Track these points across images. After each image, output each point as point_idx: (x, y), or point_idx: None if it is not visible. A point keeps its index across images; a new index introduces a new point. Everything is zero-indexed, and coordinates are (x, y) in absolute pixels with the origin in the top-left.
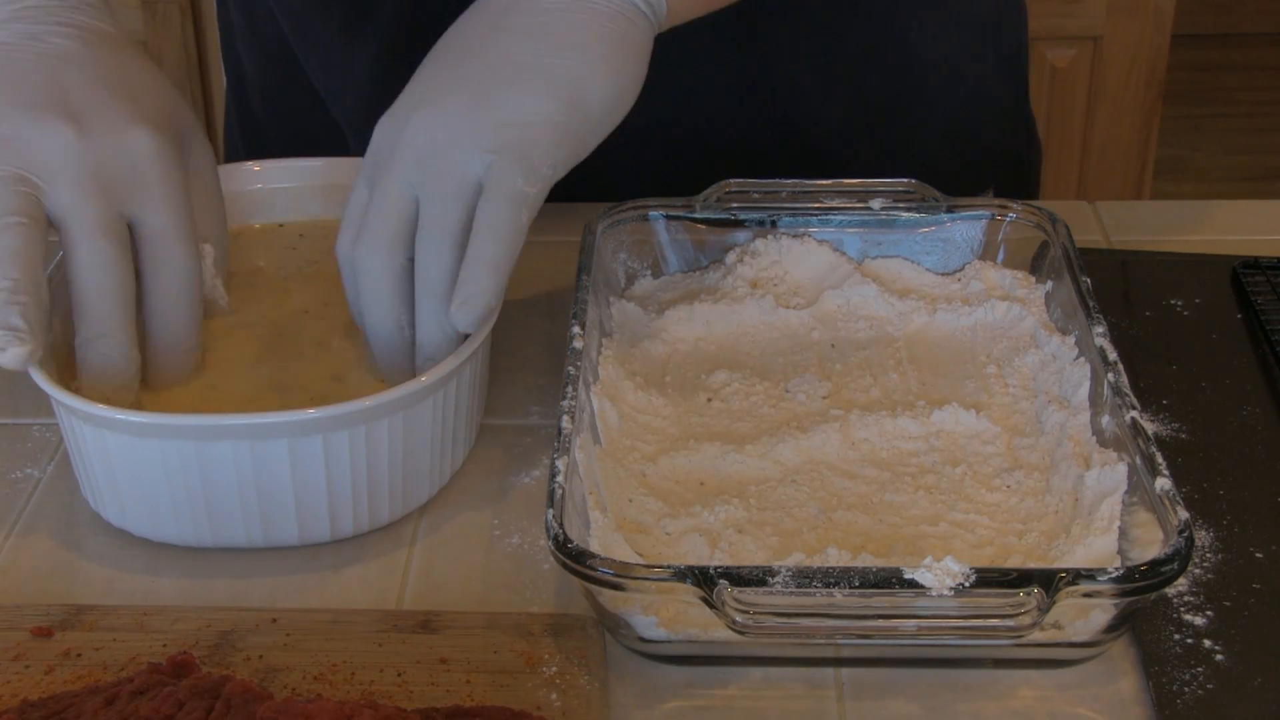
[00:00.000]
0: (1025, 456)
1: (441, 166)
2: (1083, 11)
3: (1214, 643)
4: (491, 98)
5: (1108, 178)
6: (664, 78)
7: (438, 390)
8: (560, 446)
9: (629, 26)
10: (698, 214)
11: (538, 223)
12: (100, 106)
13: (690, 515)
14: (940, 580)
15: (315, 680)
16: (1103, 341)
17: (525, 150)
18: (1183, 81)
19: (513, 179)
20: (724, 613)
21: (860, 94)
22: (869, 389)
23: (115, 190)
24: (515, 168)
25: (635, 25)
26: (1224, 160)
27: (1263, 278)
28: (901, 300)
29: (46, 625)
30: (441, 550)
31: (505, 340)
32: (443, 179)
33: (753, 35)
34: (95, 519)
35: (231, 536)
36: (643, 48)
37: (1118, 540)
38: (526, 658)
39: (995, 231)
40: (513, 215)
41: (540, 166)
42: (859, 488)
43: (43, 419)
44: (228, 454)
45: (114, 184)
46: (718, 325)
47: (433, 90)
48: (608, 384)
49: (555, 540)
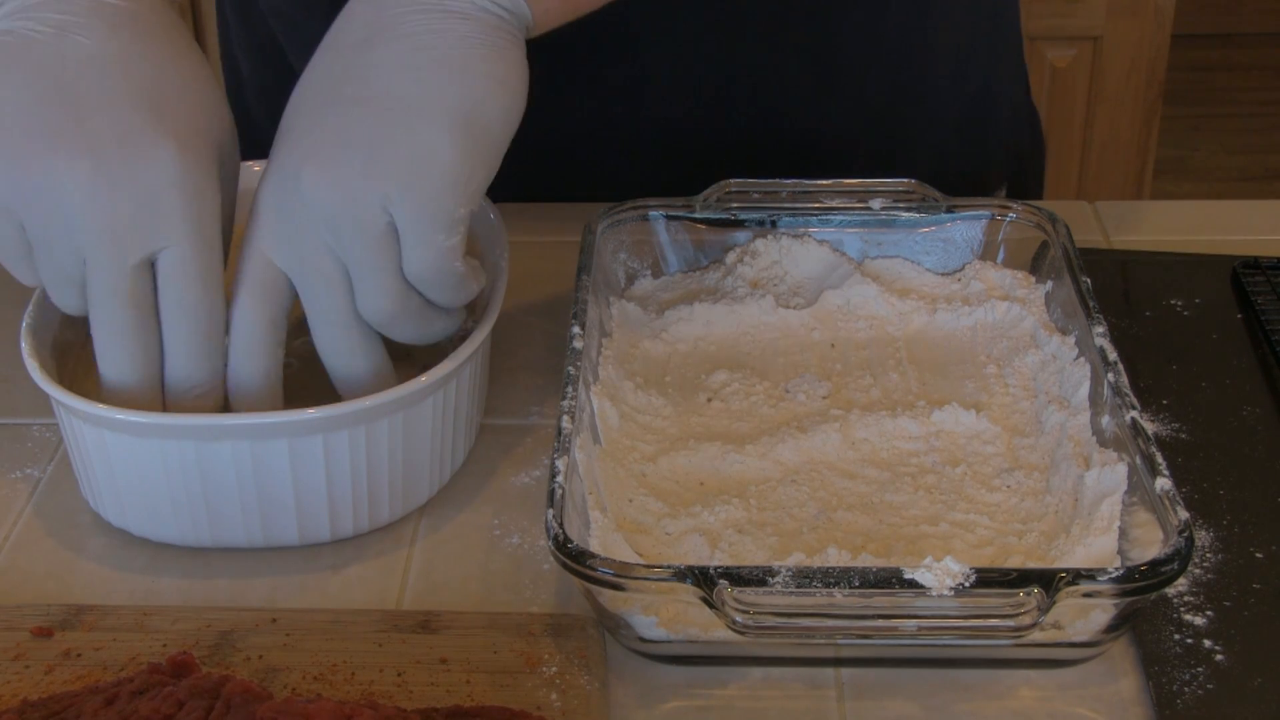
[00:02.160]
0: (1025, 456)
1: (354, 227)
2: (1083, 11)
3: (1214, 643)
4: (384, 149)
5: (1108, 178)
6: (662, 78)
7: (437, 390)
8: (560, 446)
9: (498, 32)
10: (698, 214)
11: (538, 223)
12: (118, 126)
13: (690, 515)
14: (940, 580)
15: (315, 680)
16: (1103, 341)
17: (435, 202)
18: (1183, 81)
19: (432, 236)
20: (724, 613)
21: (860, 93)
22: (869, 389)
23: (134, 231)
24: (430, 225)
25: (505, 29)
26: (1224, 160)
27: (1263, 278)
28: (901, 300)
29: (46, 625)
30: (441, 550)
31: (505, 340)
32: (361, 240)
33: (750, 35)
34: (95, 519)
35: (231, 536)
36: (519, 50)
37: (1118, 540)
38: (526, 658)
39: (995, 231)
40: (447, 266)
41: (455, 210)
42: (859, 488)
43: (43, 419)
44: (227, 454)
45: (132, 224)
46: (718, 325)
47: (318, 143)
48: (608, 384)
49: (555, 540)
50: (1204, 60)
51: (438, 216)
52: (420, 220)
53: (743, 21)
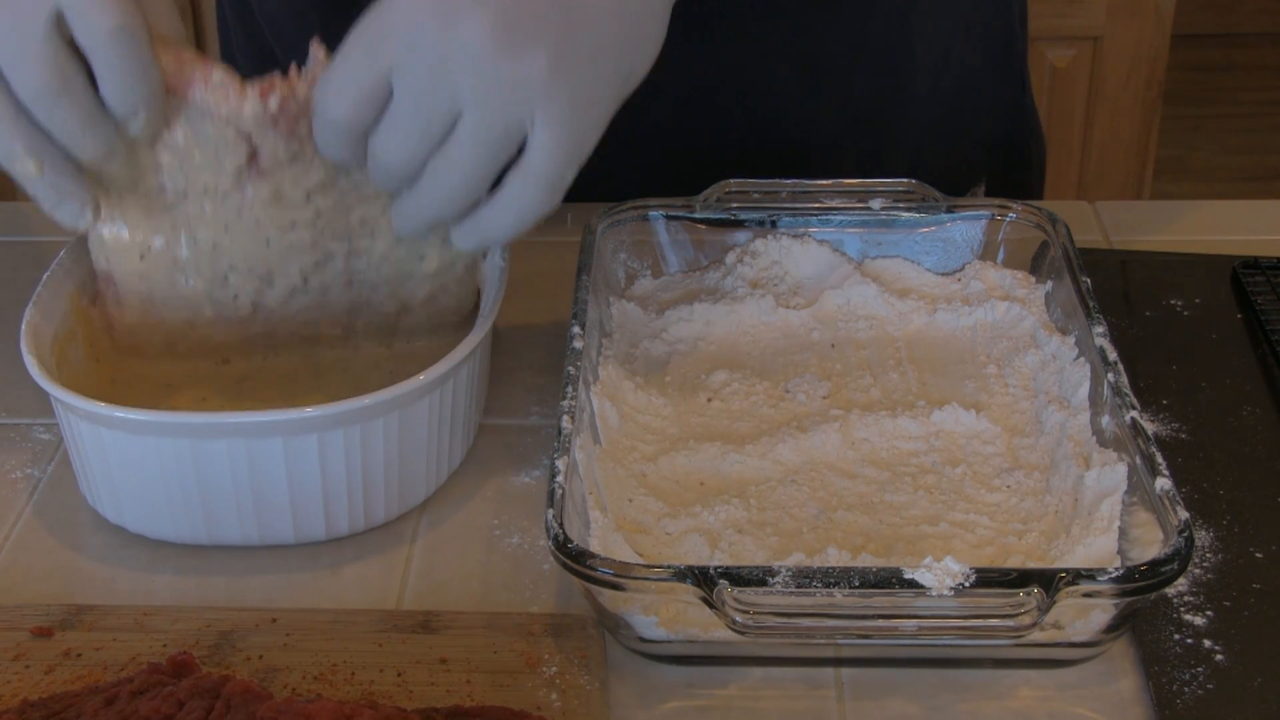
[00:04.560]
0: (1025, 456)
1: (496, 107)
2: (1083, 11)
3: (1214, 643)
4: (568, 61)
5: (1108, 178)
6: (656, 81)
7: (434, 390)
8: (560, 446)
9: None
10: (698, 214)
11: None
12: None
13: (690, 515)
14: (940, 580)
15: (315, 680)
16: (1103, 341)
17: (579, 134)
18: (1183, 81)
19: (562, 170)
20: (724, 613)
21: (848, 91)
22: (869, 389)
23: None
24: (566, 155)
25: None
26: (1224, 160)
27: (1263, 278)
28: (901, 300)
29: (46, 625)
30: (441, 550)
31: (505, 340)
32: (493, 123)
33: (739, 39)
34: (95, 519)
35: (227, 534)
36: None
37: (1118, 540)
38: (526, 658)
39: (995, 231)
40: (549, 199)
41: (586, 149)
42: (859, 488)
43: (43, 419)
44: (223, 452)
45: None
46: (718, 325)
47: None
48: (608, 384)
49: (555, 540)
50: (1204, 60)
51: (573, 151)
52: (557, 147)
53: (732, 24)
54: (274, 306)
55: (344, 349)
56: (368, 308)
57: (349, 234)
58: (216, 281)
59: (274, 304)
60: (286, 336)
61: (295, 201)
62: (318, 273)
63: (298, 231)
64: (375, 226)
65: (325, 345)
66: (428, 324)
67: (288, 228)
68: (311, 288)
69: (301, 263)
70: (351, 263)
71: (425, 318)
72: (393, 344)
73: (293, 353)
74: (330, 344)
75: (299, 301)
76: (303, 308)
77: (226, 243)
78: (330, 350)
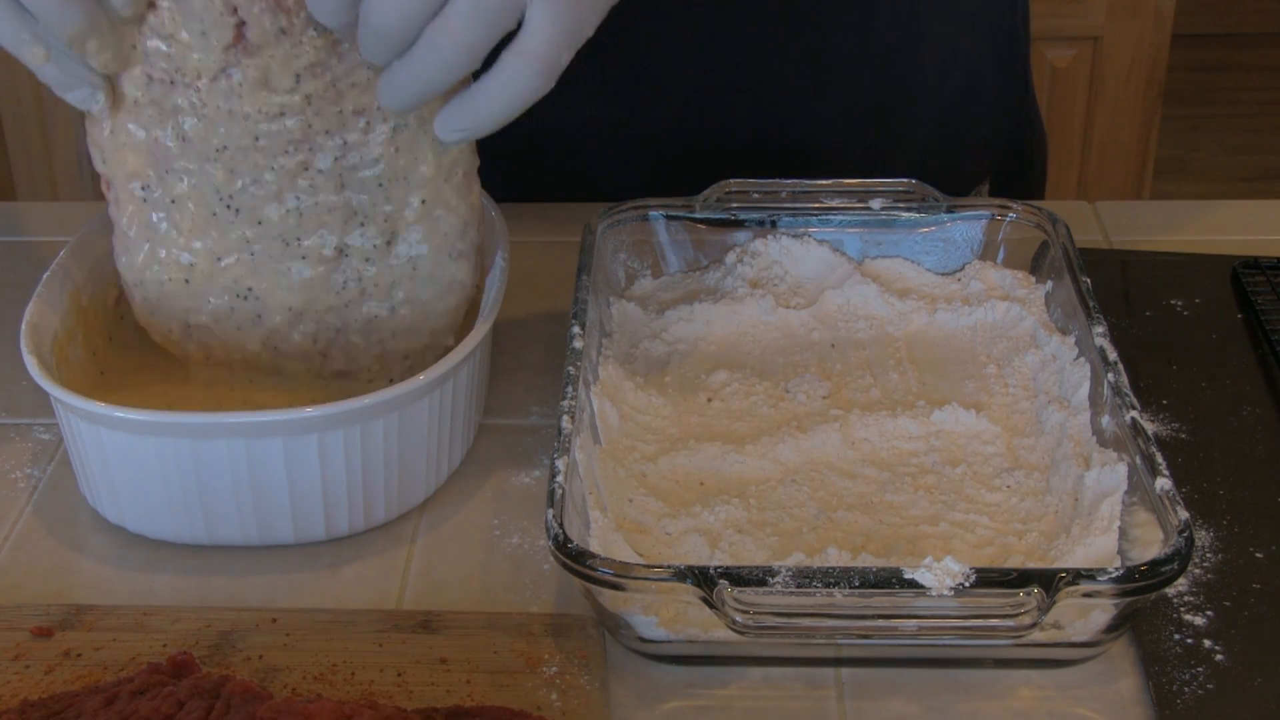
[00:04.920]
0: (1025, 456)
1: None
2: (1083, 11)
3: (1214, 643)
4: None
5: (1108, 178)
6: (659, 79)
7: (433, 390)
8: (560, 446)
9: None
10: (698, 214)
11: (538, 223)
12: None
13: (690, 515)
14: (940, 580)
15: (315, 680)
16: (1103, 341)
17: (578, 16)
18: (1183, 81)
19: (558, 51)
20: (724, 613)
21: (854, 90)
22: (869, 389)
23: None
24: (563, 35)
25: None
26: (1224, 160)
27: (1263, 278)
28: (901, 300)
29: (46, 625)
30: (441, 550)
31: (505, 340)
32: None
33: (745, 37)
34: (95, 519)
35: (227, 534)
36: None
37: (1118, 540)
38: (526, 658)
39: (995, 231)
40: (542, 81)
41: (584, 32)
42: (859, 488)
43: (43, 419)
44: (223, 452)
45: None
46: (718, 325)
47: None
48: (608, 384)
49: (555, 540)
50: (1204, 60)
51: (572, 30)
52: (555, 21)
53: (738, 23)
54: (260, 207)
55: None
56: (361, 219)
57: (341, 128)
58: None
59: (261, 204)
60: (275, 248)
61: (284, 86)
62: (307, 173)
63: (287, 120)
64: (369, 119)
65: (315, 262)
66: (425, 255)
67: (276, 115)
68: (301, 187)
69: (291, 160)
70: (343, 162)
71: (422, 242)
72: (393, 292)
73: (293, 366)
74: (321, 262)
75: (288, 203)
76: (292, 210)
77: (216, 138)
78: (327, 293)
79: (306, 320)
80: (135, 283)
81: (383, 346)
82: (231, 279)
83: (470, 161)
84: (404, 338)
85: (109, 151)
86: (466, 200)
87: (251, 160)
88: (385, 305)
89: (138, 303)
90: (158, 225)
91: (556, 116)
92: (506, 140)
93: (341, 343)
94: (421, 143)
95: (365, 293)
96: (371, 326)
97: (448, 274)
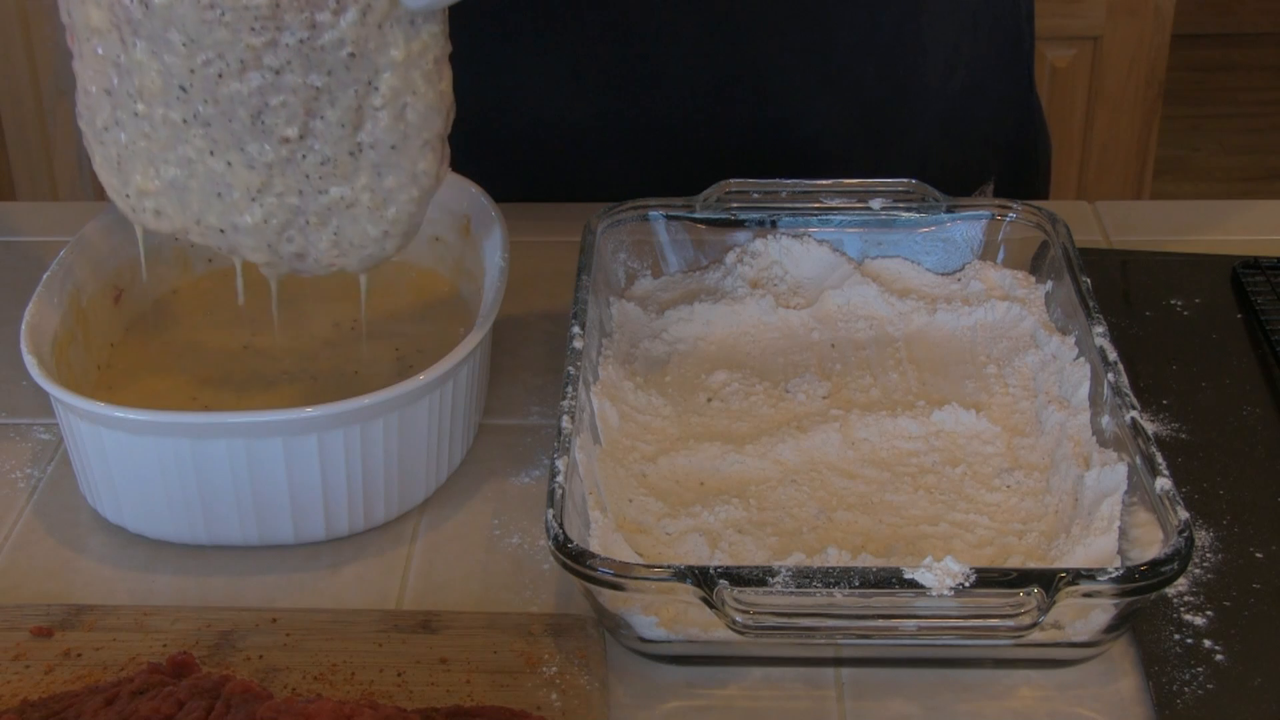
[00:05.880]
0: (1025, 456)
1: None
2: (1083, 11)
3: (1214, 643)
4: None
5: (1108, 178)
6: (660, 78)
7: (433, 391)
8: (560, 446)
9: None
10: (698, 214)
11: (538, 223)
12: None
13: (690, 515)
14: (940, 580)
15: (315, 680)
16: (1103, 341)
17: None
18: (1183, 81)
19: None
20: (724, 613)
21: (858, 88)
22: (869, 389)
23: None
24: None
25: None
26: (1224, 160)
27: (1263, 278)
28: (901, 300)
29: (46, 625)
30: (441, 550)
31: (505, 340)
32: None
33: (747, 34)
34: (95, 519)
35: (227, 534)
36: None
37: (1118, 540)
38: (526, 658)
39: (995, 231)
40: None
41: None
42: (859, 488)
43: (43, 419)
44: (222, 452)
45: None
46: (718, 325)
47: None
48: (608, 384)
49: (555, 540)
50: (1204, 60)
51: None
52: None
53: (741, 20)
54: (225, 83)
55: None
56: (326, 100)
57: (311, 6)
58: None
59: (226, 80)
60: (237, 126)
61: None
62: (273, 51)
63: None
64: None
65: (278, 143)
66: (390, 142)
67: None
68: (266, 65)
69: (257, 38)
70: (311, 43)
71: (388, 129)
72: (355, 176)
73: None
74: (284, 143)
75: (252, 81)
76: (255, 89)
77: (180, 7)
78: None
79: (266, 198)
80: (95, 141)
81: (340, 234)
82: (193, 150)
83: (442, 47)
84: (362, 224)
85: (74, 1)
86: (436, 88)
87: (216, 35)
88: (346, 189)
89: (98, 160)
90: (119, 90)
91: (557, 114)
92: (507, 140)
93: (300, 224)
94: (392, 26)
95: (326, 176)
96: (331, 211)
97: (412, 163)
